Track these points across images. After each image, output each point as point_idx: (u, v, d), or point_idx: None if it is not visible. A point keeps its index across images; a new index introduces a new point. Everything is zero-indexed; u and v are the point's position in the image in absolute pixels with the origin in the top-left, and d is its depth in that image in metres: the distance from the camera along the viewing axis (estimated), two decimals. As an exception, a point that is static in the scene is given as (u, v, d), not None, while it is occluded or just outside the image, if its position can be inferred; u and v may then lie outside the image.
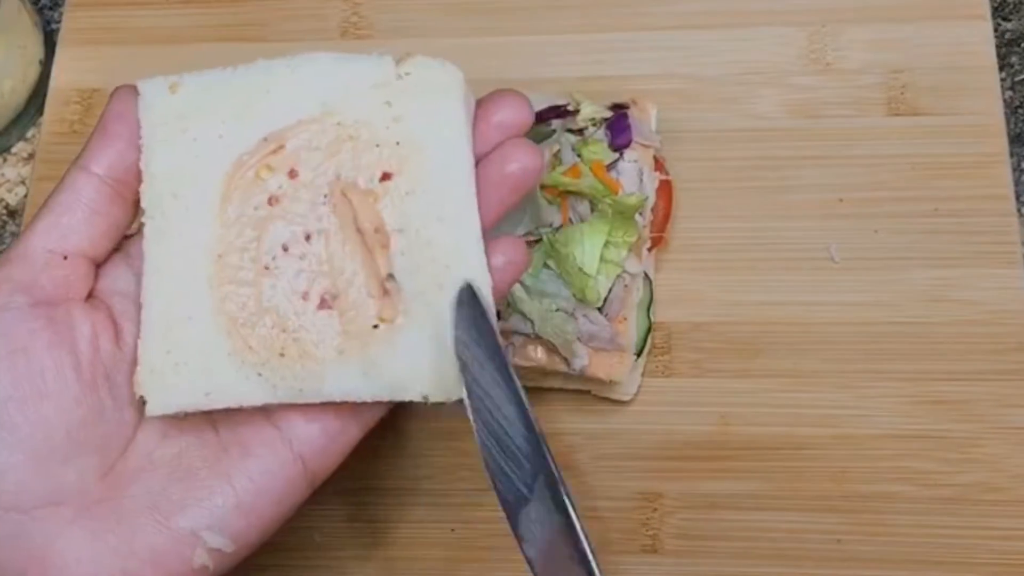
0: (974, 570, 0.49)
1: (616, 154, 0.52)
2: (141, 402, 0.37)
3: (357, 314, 0.38)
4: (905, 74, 0.57)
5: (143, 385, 0.37)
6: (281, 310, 0.38)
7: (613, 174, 0.52)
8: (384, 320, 0.38)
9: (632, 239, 0.50)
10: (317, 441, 0.38)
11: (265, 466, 0.37)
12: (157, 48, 0.61)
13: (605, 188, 0.50)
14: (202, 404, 0.37)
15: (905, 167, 0.55)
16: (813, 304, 0.53)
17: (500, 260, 0.38)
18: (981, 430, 0.51)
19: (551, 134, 0.52)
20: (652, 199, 0.52)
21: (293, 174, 0.39)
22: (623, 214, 0.50)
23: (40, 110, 0.61)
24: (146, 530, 0.36)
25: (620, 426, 0.52)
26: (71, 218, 0.38)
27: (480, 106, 0.40)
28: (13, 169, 0.61)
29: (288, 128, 0.39)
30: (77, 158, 0.39)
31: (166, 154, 0.39)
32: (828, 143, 0.56)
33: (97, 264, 0.39)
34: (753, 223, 0.55)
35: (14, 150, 0.62)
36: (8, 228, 0.60)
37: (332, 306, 0.38)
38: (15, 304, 0.36)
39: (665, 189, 0.54)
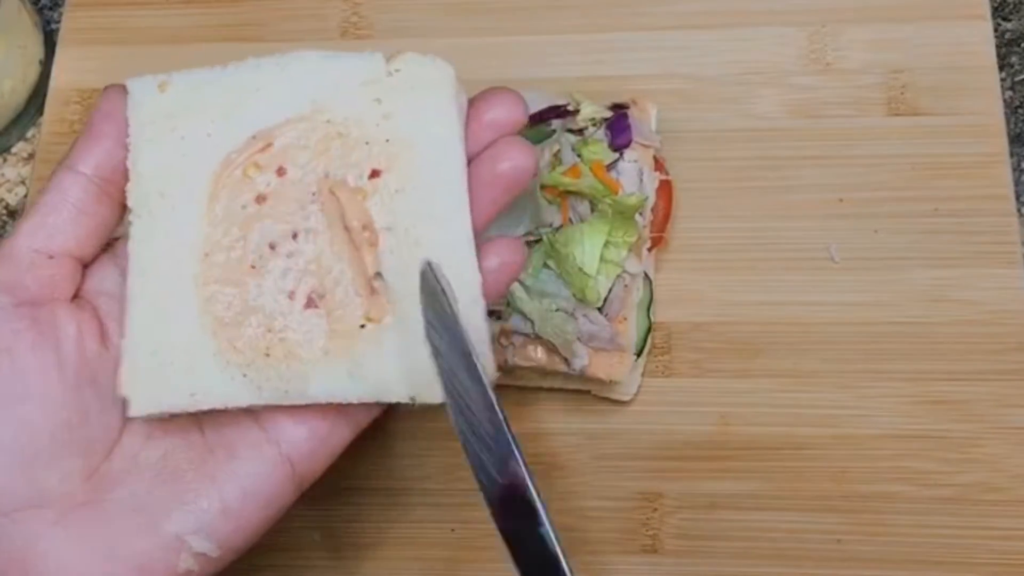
0: (974, 570, 0.49)
1: (616, 154, 0.52)
2: (124, 402, 0.36)
3: (344, 314, 0.37)
4: (905, 74, 0.57)
5: (126, 385, 0.36)
6: (267, 310, 0.37)
7: (613, 174, 0.52)
8: (372, 320, 0.37)
9: (632, 239, 0.50)
10: (305, 443, 0.37)
11: (252, 469, 0.37)
12: (157, 48, 0.61)
13: (605, 188, 0.50)
14: (186, 405, 0.37)
15: (905, 167, 0.55)
16: (813, 304, 0.53)
17: (495, 262, 0.38)
18: (981, 430, 0.51)
19: (551, 134, 0.52)
20: (652, 199, 0.52)
21: (281, 172, 0.38)
22: (623, 214, 0.50)
23: (40, 110, 0.61)
24: (130, 534, 0.36)
25: (620, 426, 0.52)
26: (57, 218, 0.38)
27: (472, 105, 0.39)
28: (13, 169, 0.62)
29: (277, 126, 0.38)
30: (64, 158, 0.38)
31: (154, 152, 0.38)
32: (828, 143, 0.56)
33: (84, 264, 0.39)
34: (753, 223, 0.55)
35: (14, 150, 0.62)
36: (8, 228, 0.60)
37: (319, 305, 0.37)
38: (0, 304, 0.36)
39: (665, 189, 0.54)
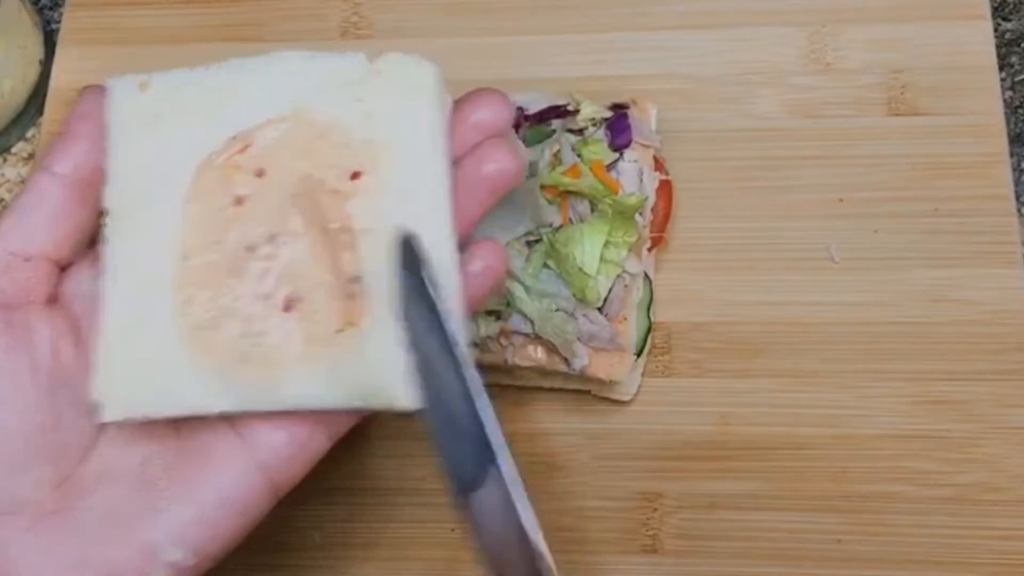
0: (974, 570, 0.49)
1: (616, 154, 0.52)
2: (95, 407, 0.35)
3: (321, 318, 0.36)
4: (905, 74, 0.57)
5: (98, 389, 0.35)
6: (244, 314, 0.36)
7: (613, 174, 0.52)
8: (350, 323, 0.36)
9: (632, 239, 0.50)
10: (283, 450, 0.36)
11: (228, 476, 0.36)
12: (157, 48, 0.61)
13: (605, 188, 0.50)
14: (159, 411, 0.36)
15: (905, 167, 0.55)
16: (813, 304, 0.53)
17: (478, 266, 0.37)
18: (981, 430, 0.51)
19: (551, 134, 0.52)
20: (652, 199, 0.52)
21: (261, 173, 0.37)
22: (623, 214, 0.50)
23: (40, 110, 0.61)
24: (103, 542, 0.35)
25: (620, 426, 0.52)
26: (34, 219, 0.37)
27: (458, 106, 0.38)
28: (13, 169, 0.62)
29: (258, 127, 0.38)
30: (41, 159, 0.38)
31: (132, 153, 0.37)
32: (828, 143, 0.56)
33: (61, 267, 0.38)
34: (753, 223, 0.55)
35: (14, 150, 0.62)
36: (8, 228, 0.60)
37: (296, 309, 0.36)
38: None
39: (665, 189, 0.54)
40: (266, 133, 0.37)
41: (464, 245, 0.37)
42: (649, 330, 0.52)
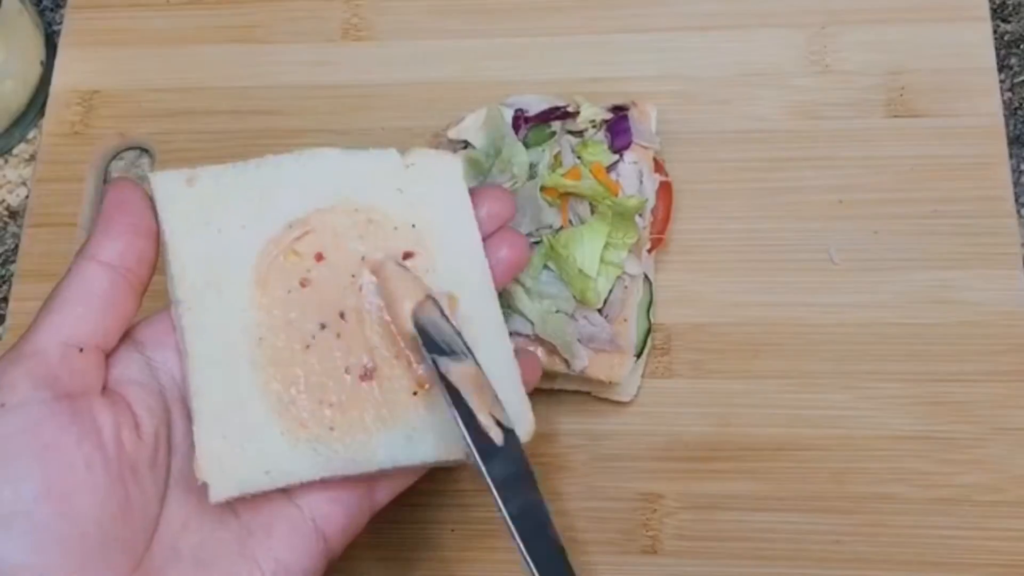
0: (974, 571, 0.49)
1: (616, 156, 0.52)
2: (203, 487, 0.37)
3: (396, 384, 0.40)
4: (904, 76, 0.57)
5: (204, 471, 0.37)
6: (325, 386, 0.39)
7: (613, 176, 0.52)
8: (421, 387, 0.40)
9: (632, 240, 0.50)
10: (338, 518, 0.39)
11: (289, 546, 0.38)
12: (158, 49, 0.61)
13: (605, 190, 0.51)
14: (264, 484, 0.38)
15: (904, 168, 0.55)
16: (813, 305, 0.53)
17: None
18: (981, 431, 0.51)
19: (551, 136, 0.52)
20: (652, 201, 0.53)
21: (320, 257, 0.41)
22: (623, 216, 0.50)
23: (41, 111, 0.61)
24: None
25: (620, 427, 0.52)
26: (83, 310, 0.37)
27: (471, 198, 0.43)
28: (14, 170, 0.62)
29: (311, 215, 0.41)
30: (83, 248, 0.38)
31: (192, 245, 0.40)
32: (828, 144, 0.56)
33: (107, 355, 0.39)
34: (753, 224, 0.55)
35: (15, 151, 0.62)
36: (9, 229, 0.60)
37: (373, 378, 0.40)
38: (39, 399, 0.35)
39: (665, 191, 0.54)
40: (319, 220, 0.41)
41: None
42: (649, 331, 0.52)
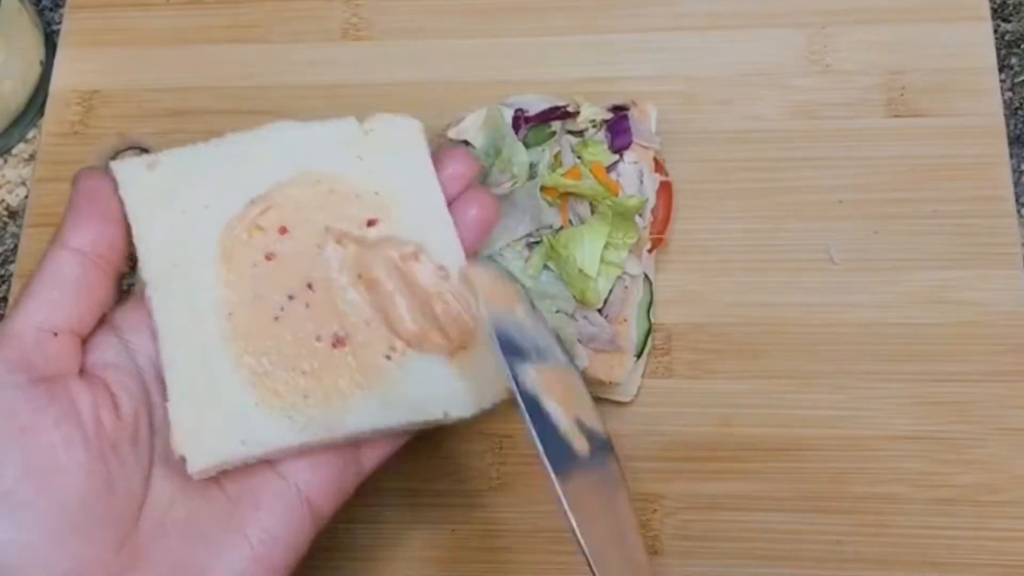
0: (974, 571, 0.49)
1: (616, 156, 0.52)
2: (181, 461, 0.38)
3: (368, 349, 0.40)
4: (905, 75, 0.57)
5: (181, 445, 0.38)
6: (298, 356, 0.40)
7: (613, 176, 0.52)
8: (394, 350, 0.40)
9: (632, 240, 0.50)
10: (323, 485, 0.40)
11: (276, 516, 0.38)
12: (157, 49, 0.61)
13: (605, 190, 0.51)
14: (240, 453, 0.38)
15: (904, 168, 0.55)
16: (813, 305, 0.53)
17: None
18: (981, 431, 0.51)
19: (551, 136, 0.52)
20: (652, 200, 0.53)
21: (284, 231, 0.41)
22: (623, 216, 0.50)
23: (41, 111, 0.61)
24: None
25: (620, 427, 0.52)
26: (56, 295, 0.38)
27: (434, 161, 0.43)
28: (14, 170, 0.62)
29: (272, 189, 0.41)
30: (55, 236, 0.39)
31: (157, 227, 0.40)
32: (828, 144, 0.56)
33: (83, 339, 0.39)
34: (753, 224, 0.55)
35: (15, 151, 0.62)
36: (9, 229, 0.60)
37: (345, 344, 0.40)
38: (16, 382, 0.36)
39: (665, 190, 0.54)
40: (280, 194, 0.41)
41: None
42: (649, 331, 0.52)
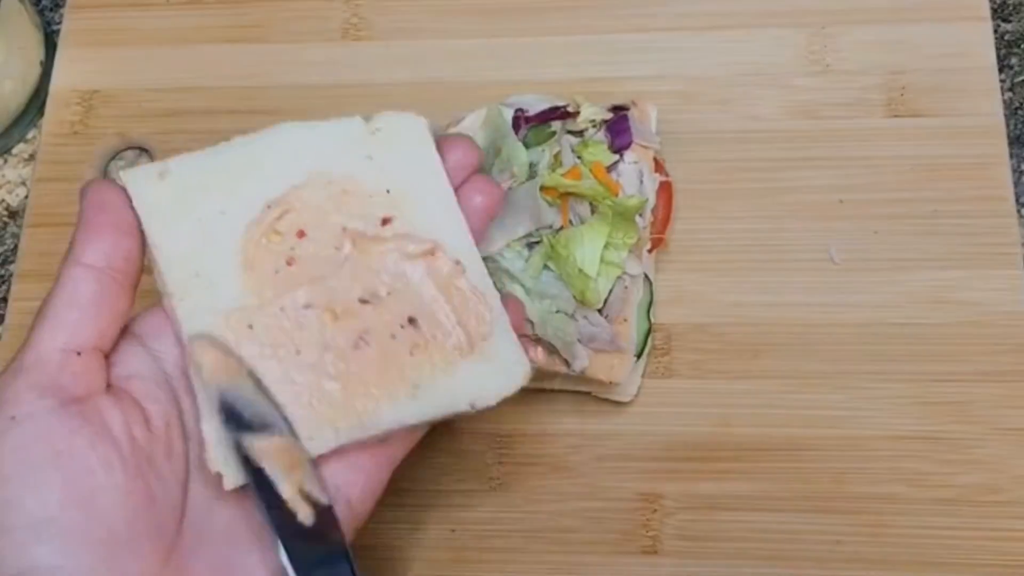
0: (974, 571, 0.49)
1: (616, 156, 0.52)
2: (218, 478, 0.37)
3: (392, 346, 0.40)
4: (905, 75, 0.57)
5: (216, 461, 0.37)
6: (323, 359, 0.40)
7: (613, 176, 0.52)
8: (418, 346, 0.41)
9: (632, 240, 0.50)
10: (358, 482, 0.40)
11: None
12: (158, 49, 0.61)
13: (605, 190, 0.51)
14: None
15: (905, 168, 0.55)
16: (813, 305, 0.53)
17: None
18: (981, 431, 0.51)
19: (551, 136, 0.52)
20: (652, 200, 0.52)
21: (301, 234, 0.41)
22: (623, 216, 0.50)
23: (41, 111, 0.61)
24: None
25: (620, 427, 0.52)
26: (76, 315, 0.38)
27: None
28: (14, 170, 0.62)
29: (287, 192, 0.41)
30: (68, 253, 0.39)
31: (175, 238, 0.40)
32: (828, 144, 0.56)
33: (107, 354, 0.39)
34: (753, 224, 0.55)
35: (15, 151, 0.62)
36: (9, 229, 0.60)
37: (369, 343, 0.40)
38: (47, 407, 0.36)
39: (665, 190, 0.54)
40: (295, 197, 0.41)
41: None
42: (649, 331, 0.52)
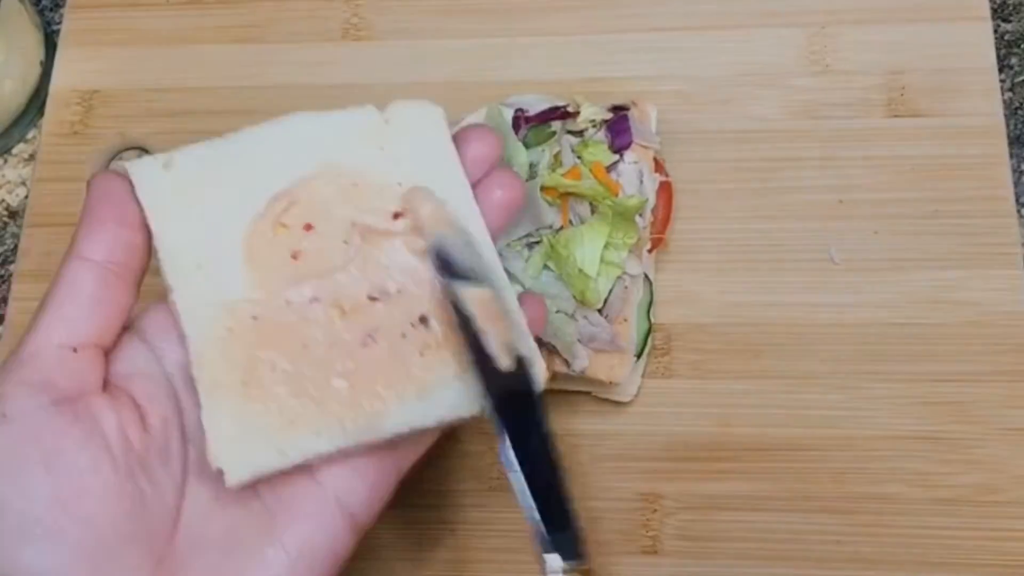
0: (974, 571, 0.49)
1: (616, 156, 0.52)
2: (219, 473, 0.36)
3: (401, 346, 0.39)
4: (905, 75, 0.57)
5: (218, 457, 0.36)
6: (329, 356, 0.38)
7: (613, 176, 0.52)
8: (427, 347, 0.39)
9: (632, 240, 0.50)
10: (362, 490, 0.38)
11: (315, 525, 0.37)
12: (157, 49, 0.61)
13: (605, 190, 0.51)
14: (279, 463, 0.37)
15: (905, 168, 0.55)
16: (813, 305, 0.53)
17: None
18: (981, 431, 0.51)
19: (551, 136, 0.52)
20: (652, 200, 0.53)
21: (308, 227, 0.39)
22: (623, 216, 0.50)
23: (41, 111, 0.61)
24: None
25: (620, 427, 0.52)
26: (74, 310, 0.37)
27: (455, 143, 0.41)
28: (14, 170, 0.62)
29: (294, 185, 0.39)
30: (70, 247, 0.38)
31: (178, 229, 0.38)
32: (828, 144, 0.56)
33: (107, 351, 0.38)
34: (753, 224, 0.55)
35: (15, 151, 0.62)
36: (9, 229, 0.60)
37: (377, 340, 0.39)
38: (38, 405, 0.35)
39: (665, 190, 0.54)
40: (303, 189, 0.39)
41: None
42: (649, 331, 0.52)
